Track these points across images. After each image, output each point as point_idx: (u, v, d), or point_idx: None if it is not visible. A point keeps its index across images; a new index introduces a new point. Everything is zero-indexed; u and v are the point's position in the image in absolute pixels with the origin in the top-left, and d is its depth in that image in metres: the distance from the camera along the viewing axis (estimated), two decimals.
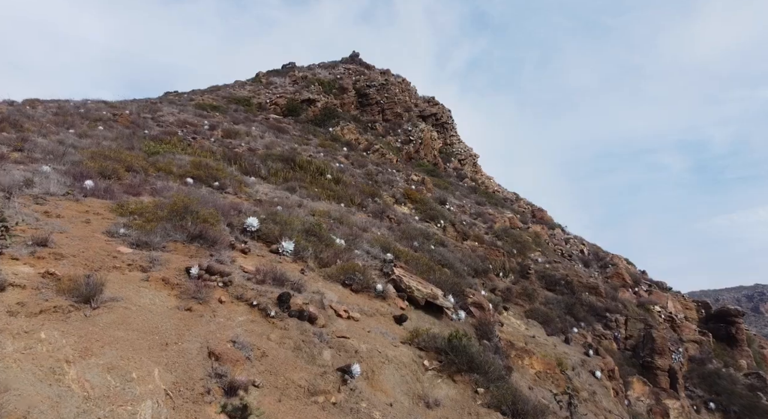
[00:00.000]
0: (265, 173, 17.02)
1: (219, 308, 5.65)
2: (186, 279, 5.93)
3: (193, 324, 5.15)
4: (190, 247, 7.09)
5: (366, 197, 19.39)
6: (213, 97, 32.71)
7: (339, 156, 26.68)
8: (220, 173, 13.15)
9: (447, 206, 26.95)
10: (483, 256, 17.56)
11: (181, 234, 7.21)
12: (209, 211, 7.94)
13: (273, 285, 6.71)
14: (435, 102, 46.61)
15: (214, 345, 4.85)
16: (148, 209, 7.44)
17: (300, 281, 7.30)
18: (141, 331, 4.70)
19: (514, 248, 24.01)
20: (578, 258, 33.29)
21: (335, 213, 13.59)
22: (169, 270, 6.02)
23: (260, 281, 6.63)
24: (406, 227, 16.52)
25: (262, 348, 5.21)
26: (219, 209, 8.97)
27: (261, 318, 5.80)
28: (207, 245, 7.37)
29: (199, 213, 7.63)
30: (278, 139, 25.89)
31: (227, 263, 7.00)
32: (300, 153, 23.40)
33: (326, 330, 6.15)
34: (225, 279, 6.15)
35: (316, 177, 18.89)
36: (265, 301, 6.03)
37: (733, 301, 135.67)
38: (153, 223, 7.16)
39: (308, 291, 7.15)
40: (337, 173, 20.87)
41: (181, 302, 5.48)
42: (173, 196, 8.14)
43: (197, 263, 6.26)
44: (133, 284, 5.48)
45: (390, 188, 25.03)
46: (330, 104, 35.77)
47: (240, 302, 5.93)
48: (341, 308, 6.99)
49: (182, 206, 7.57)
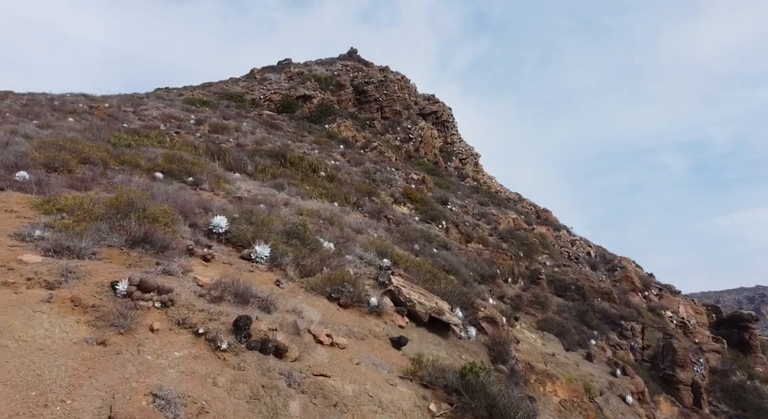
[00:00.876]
0: (251, 170, 15.45)
1: (148, 339, 4.07)
2: (109, 299, 4.36)
3: (103, 367, 3.57)
4: (130, 254, 5.52)
5: (362, 195, 17.82)
6: (204, 92, 31.15)
7: (335, 153, 25.12)
8: (196, 167, 11.58)
9: (449, 206, 25.38)
10: (490, 260, 15.97)
11: (119, 237, 5.63)
12: (162, 208, 6.36)
13: (233, 304, 5.13)
14: (435, 100, 45.09)
15: (123, 402, 3.27)
16: (83, 205, 5.87)
17: (272, 296, 5.72)
18: (12, 383, 3.13)
19: (520, 250, 22.43)
20: (585, 261, 31.72)
21: (326, 213, 12.02)
22: (87, 286, 4.44)
23: (216, 298, 5.05)
24: (405, 229, 14.95)
25: (202, 399, 3.63)
26: (181, 207, 7.40)
27: (208, 352, 4.22)
28: (155, 251, 5.79)
29: (147, 211, 6.06)
30: (270, 135, 24.33)
31: (177, 274, 5.43)
32: (292, 150, 21.83)
33: (299, 366, 4.57)
34: (165, 298, 4.57)
35: (309, 174, 17.33)
36: (216, 328, 4.45)
37: (735, 303, 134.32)
38: (85, 223, 5.59)
39: (281, 310, 5.57)
40: (332, 170, 19.31)
41: (94, 334, 3.91)
42: (117, 189, 6.57)
43: (129, 275, 4.68)
44: (26, 308, 3.90)
45: (389, 187, 23.47)
46: (326, 101, 34.23)
47: (181, 330, 4.35)
48: (323, 332, 5.41)
49: (126, 202, 6.01)
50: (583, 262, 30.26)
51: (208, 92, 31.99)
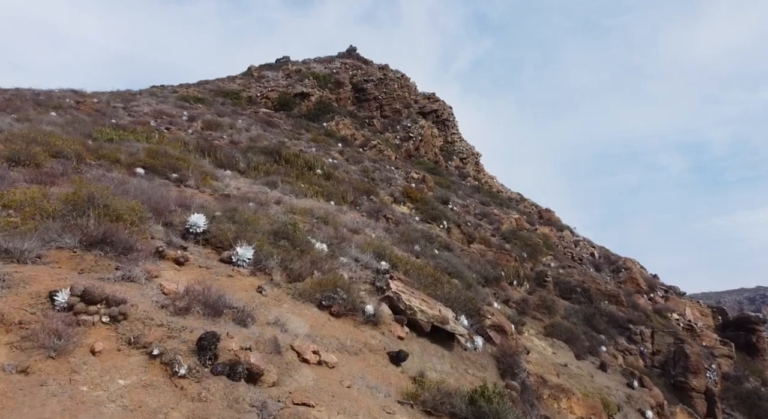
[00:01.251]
0: (244, 167, 14.65)
1: (86, 364, 3.27)
2: (43, 313, 3.56)
3: (16, 405, 2.77)
4: (84, 257, 4.72)
5: (360, 194, 17.03)
6: (199, 89, 30.35)
7: (333, 151, 24.32)
8: (181, 163, 10.78)
9: (450, 206, 24.59)
10: (494, 262, 15.18)
11: (73, 237, 4.83)
12: (129, 204, 5.57)
13: (202, 316, 4.33)
14: (435, 98, 44.28)
15: None
16: (35, 200, 5.08)
17: (251, 305, 4.93)
18: None
19: (524, 251, 21.63)
20: (589, 262, 30.92)
21: (320, 211, 11.22)
22: (18, 297, 3.64)
23: (181, 309, 4.26)
24: (405, 229, 14.15)
25: None
26: (155, 204, 6.60)
27: (163, 379, 3.42)
28: (115, 254, 5.00)
29: (110, 207, 5.26)
30: (266, 132, 23.53)
31: (139, 280, 4.63)
32: (288, 147, 21.04)
33: (277, 394, 3.77)
34: (115, 310, 3.77)
35: (304, 172, 16.52)
36: (175, 348, 3.65)
37: (735, 303, 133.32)
38: (35, 221, 4.79)
39: (260, 323, 4.77)
40: (329, 168, 18.51)
41: (14, 359, 3.11)
42: (75, 182, 5.77)
43: (72, 284, 3.88)
44: None
45: (388, 186, 22.68)
46: (325, 99, 33.43)
47: (132, 351, 3.55)
48: (309, 349, 4.61)
49: (85, 198, 5.21)
50: (586, 263, 29.46)
51: (203, 90, 31.19)
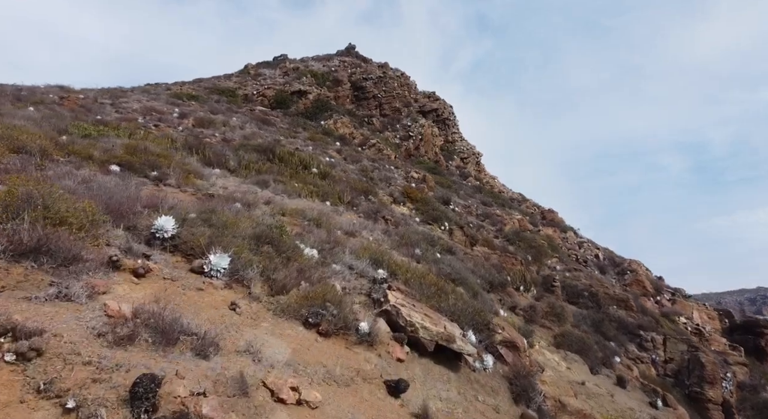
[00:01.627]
0: (234, 165, 13.74)
1: None
2: None
3: None
4: (9, 270, 3.82)
5: (358, 194, 16.13)
6: (193, 87, 29.47)
7: (330, 150, 23.43)
8: (162, 160, 9.87)
9: (451, 207, 23.70)
10: (498, 265, 14.27)
11: None
12: (77, 205, 4.66)
13: (150, 347, 3.43)
14: (436, 97, 43.41)
15: None
16: None
17: (217, 328, 4.03)
18: None
19: (528, 253, 20.74)
20: (593, 264, 30.03)
21: (313, 213, 10.32)
22: None
23: (122, 338, 3.35)
24: (405, 231, 13.25)
25: None
26: (118, 205, 5.70)
27: None
28: (55, 265, 4.09)
29: (52, 209, 4.36)
30: (261, 130, 22.65)
31: (79, 298, 3.73)
32: (283, 145, 20.14)
33: None
34: (24, 346, 2.87)
35: (299, 171, 15.62)
36: (99, 398, 2.75)
37: (736, 304, 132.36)
38: None
39: (227, 352, 3.87)
40: (326, 167, 17.62)
41: None
42: (10, 179, 4.86)
43: None
44: None
45: (387, 186, 21.80)
46: (323, 97, 32.54)
47: (41, 403, 2.65)
48: (286, 384, 3.71)
49: (23, 198, 4.32)
50: (591, 265, 28.57)
51: (198, 87, 30.30)
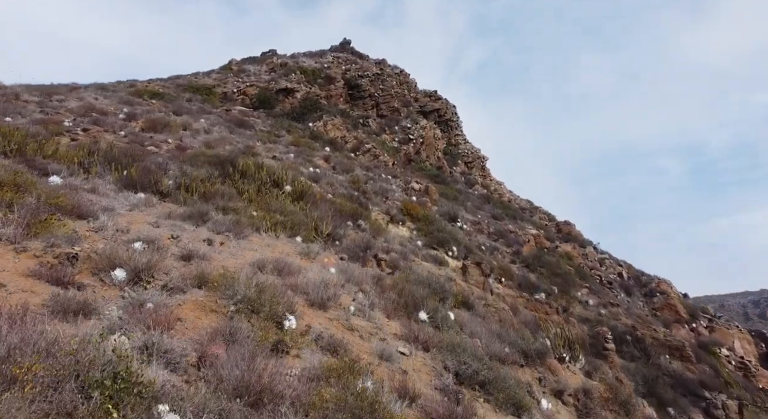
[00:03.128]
0: (170, 186, 9.84)
1: None
2: None
3: None
4: None
5: (344, 220, 12.28)
6: (163, 84, 25.57)
7: (316, 158, 19.55)
8: (10, 193, 5.98)
9: (459, 224, 19.85)
10: (531, 321, 10.38)
11: None
12: None
13: None
14: (437, 97, 39.50)
15: None
16: None
17: None
18: None
19: (553, 283, 16.90)
20: (617, 284, 26.17)
21: (259, 275, 6.42)
22: None
23: None
24: (405, 278, 9.37)
25: None
26: None
27: None
28: None
29: None
30: (234, 134, 18.76)
31: None
32: (256, 153, 16.25)
33: None
34: None
35: (266, 191, 11.73)
36: None
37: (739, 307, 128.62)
38: None
39: None
40: (304, 183, 13.72)
41: None
42: None
43: None
44: None
45: (383, 201, 17.94)
46: (312, 95, 28.63)
47: None
48: None
49: None
50: (616, 287, 24.73)
51: (170, 84, 26.39)
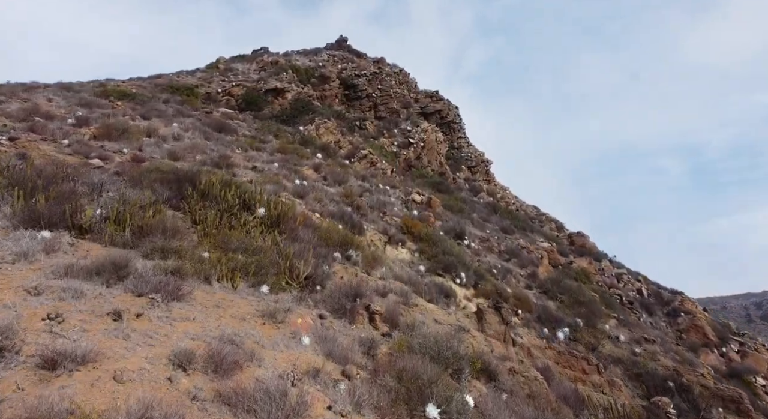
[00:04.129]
0: (95, 218, 7.33)
1: None
2: None
3: None
4: None
5: (330, 250, 9.80)
6: (139, 84, 23.03)
7: (304, 168, 17.03)
8: None
9: (466, 242, 17.36)
10: (570, 393, 7.86)
11: None
12: None
13: None
14: (439, 97, 37.00)
15: None
16: None
17: None
18: None
19: (577, 314, 14.41)
20: (637, 302, 23.68)
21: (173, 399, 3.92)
22: None
23: None
24: (405, 343, 6.87)
25: None
26: None
27: None
28: None
29: None
30: (210, 141, 16.24)
31: None
32: (230, 165, 13.76)
33: None
34: None
35: (232, 217, 9.22)
36: None
37: (742, 308, 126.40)
38: None
39: None
40: (285, 201, 11.22)
41: None
42: None
43: None
44: None
45: (380, 217, 15.46)
46: (304, 96, 26.09)
47: None
48: None
49: None
50: (637, 307, 22.23)
51: (149, 84, 23.85)
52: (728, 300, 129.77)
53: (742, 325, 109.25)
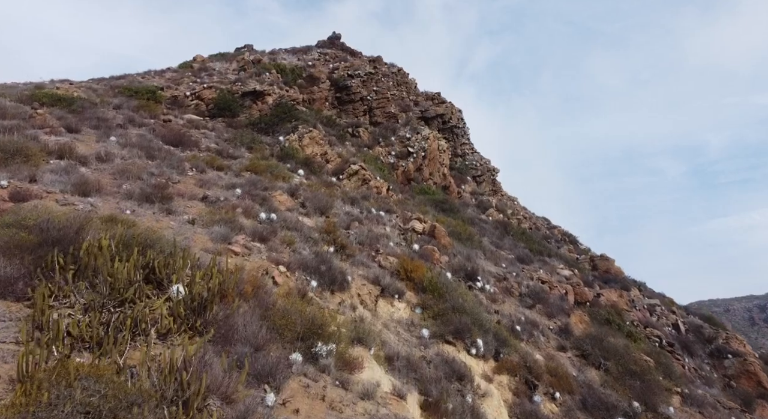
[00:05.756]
0: None
1: None
2: None
3: None
4: None
5: (283, 350, 6.09)
6: (88, 85, 19.27)
7: (277, 192, 13.26)
8: None
9: (479, 284, 13.64)
10: None
11: None
12: None
13: None
14: (441, 100, 33.23)
15: None
16: None
17: None
18: None
19: (631, 391, 10.72)
20: (675, 340, 19.98)
21: None
22: None
23: None
24: None
25: None
26: None
27: None
28: None
29: None
30: (153, 160, 12.48)
31: None
32: (166, 197, 10.00)
33: None
34: None
35: (121, 304, 5.55)
36: None
37: (745, 311, 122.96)
38: None
39: None
40: (223, 268, 7.46)
41: None
42: None
43: None
44: None
45: (372, 258, 11.74)
46: (287, 99, 22.31)
47: None
48: None
49: None
50: (678, 349, 18.48)
51: (104, 86, 20.07)
52: (731, 303, 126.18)
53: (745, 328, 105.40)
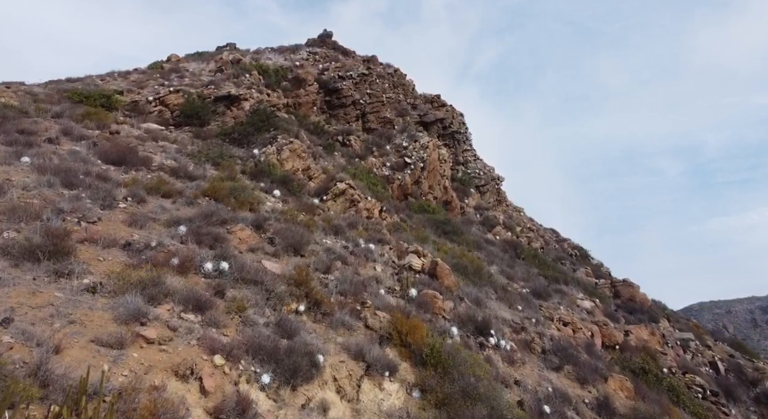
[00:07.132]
0: None
1: None
2: None
3: None
4: None
5: None
6: (28, 89, 16.23)
7: (237, 227, 10.26)
8: None
9: (493, 339, 10.67)
10: None
11: None
12: None
13: None
14: (441, 103, 30.25)
15: None
16: None
17: None
18: None
19: None
20: (715, 383, 17.04)
21: None
22: None
23: None
24: None
25: None
26: None
27: None
28: None
29: None
30: (70, 190, 9.48)
31: None
32: (64, 251, 6.97)
33: None
34: None
35: None
36: None
37: (747, 313, 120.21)
38: None
39: None
40: (114, 394, 4.46)
41: None
42: None
43: None
44: None
45: (355, 316, 8.75)
46: (265, 104, 19.28)
47: None
48: None
49: None
50: (722, 397, 15.51)
51: (52, 90, 17.05)
52: (733, 304, 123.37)
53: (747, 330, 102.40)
